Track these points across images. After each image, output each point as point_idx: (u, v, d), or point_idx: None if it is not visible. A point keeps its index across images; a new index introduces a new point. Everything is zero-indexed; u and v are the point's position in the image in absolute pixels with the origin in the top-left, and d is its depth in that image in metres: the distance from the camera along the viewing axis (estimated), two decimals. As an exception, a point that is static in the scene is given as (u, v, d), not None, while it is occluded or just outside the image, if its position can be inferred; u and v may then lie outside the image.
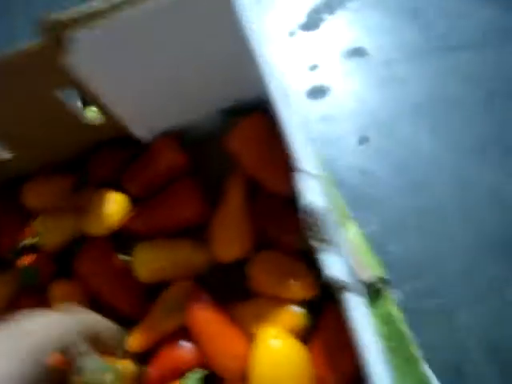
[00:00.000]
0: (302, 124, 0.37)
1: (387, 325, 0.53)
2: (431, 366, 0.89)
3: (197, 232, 0.57)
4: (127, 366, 0.55)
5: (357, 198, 0.99)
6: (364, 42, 1.07)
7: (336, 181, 0.94)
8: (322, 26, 1.10)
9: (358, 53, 1.09)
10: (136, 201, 0.59)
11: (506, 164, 1.00)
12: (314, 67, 0.95)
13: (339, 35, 1.06)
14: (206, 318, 0.52)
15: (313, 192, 0.33)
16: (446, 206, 0.97)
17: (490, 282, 0.87)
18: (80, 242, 0.59)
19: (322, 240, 0.32)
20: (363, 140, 0.90)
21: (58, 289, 0.58)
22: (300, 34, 1.02)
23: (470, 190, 0.94)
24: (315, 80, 0.90)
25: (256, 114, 0.55)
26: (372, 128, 0.96)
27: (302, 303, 0.52)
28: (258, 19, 0.38)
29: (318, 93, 1.03)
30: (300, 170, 0.34)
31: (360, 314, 0.33)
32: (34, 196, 0.61)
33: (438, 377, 0.92)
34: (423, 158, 1.00)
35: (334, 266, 0.32)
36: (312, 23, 1.13)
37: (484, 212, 0.90)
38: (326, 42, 1.06)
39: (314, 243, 0.31)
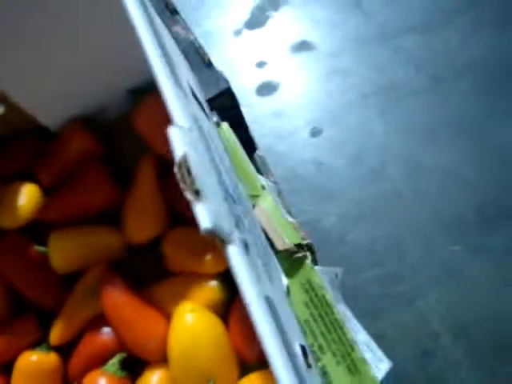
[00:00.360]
0: (174, 83, 0.36)
1: (308, 292, 0.52)
2: (399, 350, 0.89)
3: (114, 217, 0.56)
4: (50, 361, 0.54)
5: (313, 191, 0.99)
6: (310, 36, 1.08)
7: (290, 174, 0.94)
8: (268, 22, 1.11)
9: (304, 47, 1.10)
10: (50, 191, 0.58)
11: (457, 145, 1.01)
12: (261, 64, 0.96)
13: (285, 31, 1.07)
14: (120, 301, 0.51)
15: (183, 144, 0.32)
16: (401, 191, 0.97)
17: (450, 262, 0.88)
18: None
19: (195, 191, 0.31)
20: (315, 133, 0.91)
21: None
22: (246, 32, 1.03)
23: (423, 173, 0.95)
24: (264, 76, 0.91)
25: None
26: (323, 120, 0.97)
27: (217, 277, 0.51)
28: (203, 19, 0.38)
29: (267, 89, 1.03)
30: (173, 126, 0.33)
31: (240, 266, 0.33)
32: None
33: (407, 361, 0.93)
34: (375, 146, 1.01)
35: (208, 217, 0.31)
36: (257, 21, 1.14)
37: (439, 193, 0.91)
38: (272, 39, 1.07)
39: (188, 196, 0.31)
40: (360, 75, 1.15)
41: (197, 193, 0.33)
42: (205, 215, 0.31)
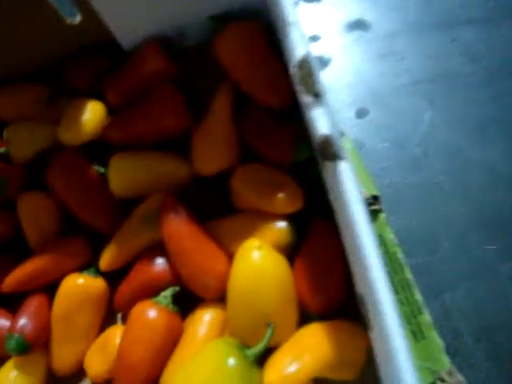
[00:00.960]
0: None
1: (379, 248, 0.50)
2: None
3: (178, 146, 0.54)
4: (97, 285, 0.51)
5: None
6: (366, 15, 1.07)
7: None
8: (326, -2, 1.08)
9: (360, 26, 1.08)
10: (117, 111, 0.56)
11: (506, 143, 0.98)
12: (315, 38, 0.94)
13: (342, 7, 1.05)
14: (181, 231, 0.49)
15: (305, 45, 0.30)
16: (442, 183, 0.95)
17: (482, 261, 0.86)
18: (50, 153, 0.55)
19: (315, 94, 0.29)
20: (361, 113, 0.89)
21: (26, 201, 0.55)
22: (303, 4, 1.02)
23: (467, 167, 0.93)
24: (316, 51, 0.89)
25: (246, 21, 0.52)
26: (370, 102, 0.95)
27: (286, 218, 0.49)
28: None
29: (317, 64, 1.02)
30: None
31: (352, 185, 0.30)
32: (5, 104, 0.58)
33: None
34: (421, 134, 0.99)
35: (325, 123, 0.29)
36: (315, -5, 1.11)
37: (481, 190, 0.88)
38: (328, 14, 1.05)
39: (306, 98, 0.29)
40: (414, 61, 1.13)
41: (316, 96, 0.31)
42: (324, 120, 0.29)
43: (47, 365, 0.52)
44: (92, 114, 0.54)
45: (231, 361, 0.40)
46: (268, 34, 0.51)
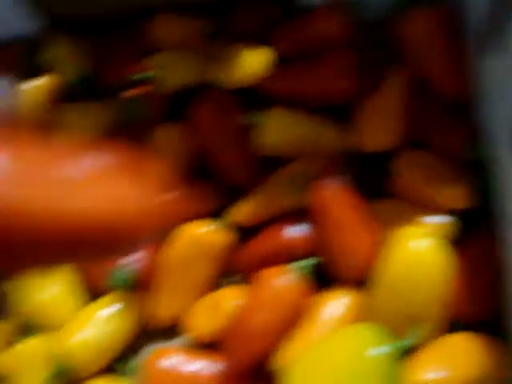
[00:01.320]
0: None
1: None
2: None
3: (338, 114, 0.51)
4: (219, 239, 0.48)
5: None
6: None
7: None
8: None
9: None
10: (281, 63, 0.53)
11: None
12: None
13: None
14: (334, 201, 0.45)
15: None
16: None
17: None
18: (201, 90, 0.52)
19: None
20: None
21: (165, 132, 0.52)
22: None
23: None
24: None
25: (436, 4, 0.49)
26: None
27: (449, 213, 0.45)
28: None
29: None
30: None
31: None
32: (165, 31, 0.55)
33: None
34: None
35: None
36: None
37: None
38: None
39: None
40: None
41: None
42: None
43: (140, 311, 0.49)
44: (257, 59, 0.52)
45: (375, 350, 0.36)
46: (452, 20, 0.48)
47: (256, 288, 0.45)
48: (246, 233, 0.50)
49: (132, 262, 0.47)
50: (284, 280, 0.44)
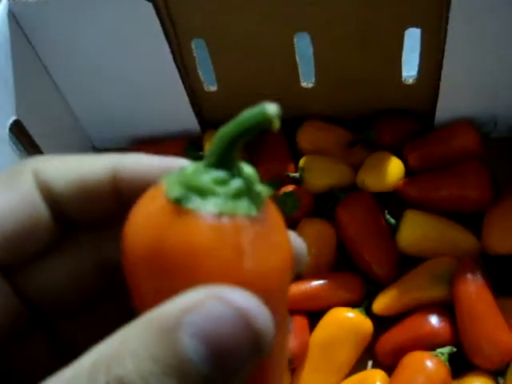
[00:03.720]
0: None
1: None
2: None
3: (464, 218, 0.61)
4: (366, 324, 0.57)
5: None
6: None
7: None
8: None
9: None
10: (409, 173, 0.64)
11: None
12: None
13: None
14: (476, 294, 0.54)
15: None
16: None
17: None
18: (343, 191, 0.63)
19: None
20: None
21: (310, 225, 0.62)
22: None
23: None
24: None
25: None
26: None
27: None
28: None
29: None
30: None
31: None
32: (309, 137, 0.67)
33: None
34: None
35: None
36: None
37: None
38: None
39: None
40: None
41: None
42: None
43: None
44: (394, 168, 0.63)
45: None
46: None
47: (402, 371, 0.53)
48: (384, 322, 0.58)
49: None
50: (432, 363, 0.52)
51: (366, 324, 0.57)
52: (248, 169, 0.17)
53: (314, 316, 0.58)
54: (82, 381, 0.13)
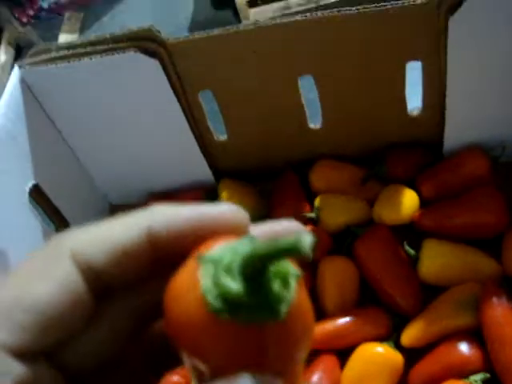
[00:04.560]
0: None
1: None
2: None
3: (482, 243, 0.62)
4: (397, 358, 0.58)
5: None
6: None
7: None
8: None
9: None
10: (424, 203, 0.66)
11: None
12: None
13: None
14: (503, 318, 0.55)
15: None
16: None
17: None
18: (360, 227, 0.65)
19: None
20: None
21: (331, 263, 0.64)
22: None
23: None
24: None
25: None
26: None
27: None
28: None
29: None
30: None
31: None
32: (322, 177, 0.70)
33: None
34: None
35: None
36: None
37: None
38: None
39: None
40: None
41: None
42: None
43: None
44: (409, 200, 0.65)
45: None
46: None
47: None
48: (414, 354, 0.59)
49: (318, 380, 0.57)
50: (465, 393, 0.53)
51: (397, 357, 0.58)
52: (285, 268, 0.19)
53: (342, 354, 0.59)
54: None
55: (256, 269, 0.18)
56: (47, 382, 0.19)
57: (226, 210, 0.21)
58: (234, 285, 0.18)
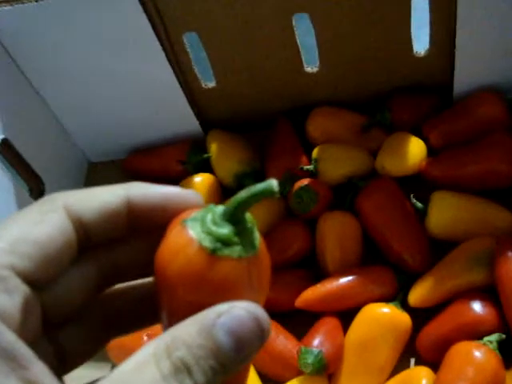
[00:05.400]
0: None
1: None
2: None
3: (495, 195, 0.59)
4: (403, 319, 0.55)
5: None
6: None
7: None
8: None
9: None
10: (432, 152, 0.63)
11: None
12: None
13: None
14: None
15: None
16: None
17: None
18: (362, 179, 0.62)
19: None
20: None
21: (332, 219, 0.60)
22: None
23: None
24: None
25: None
26: None
27: None
28: None
29: None
30: None
31: None
32: (320, 125, 0.66)
33: None
34: None
35: None
36: None
37: None
38: None
39: None
40: None
41: None
42: None
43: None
44: (415, 148, 0.61)
45: None
46: None
47: (450, 363, 0.51)
48: (422, 314, 0.56)
49: (322, 342, 0.54)
50: (480, 354, 0.50)
51: (404, 318, 0.55)
52: (249, 216, 0.23)
53: (345, 316, 0.57)
54: (149, 363, 0.20)
55: (240, 213, 0.23)
56: (35, 314, 0.23)
57: (190, 192, 0.26)
58: (224, 230, 0.23)
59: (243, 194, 0.22)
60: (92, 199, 0.25)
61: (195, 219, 0.23)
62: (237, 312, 0.21)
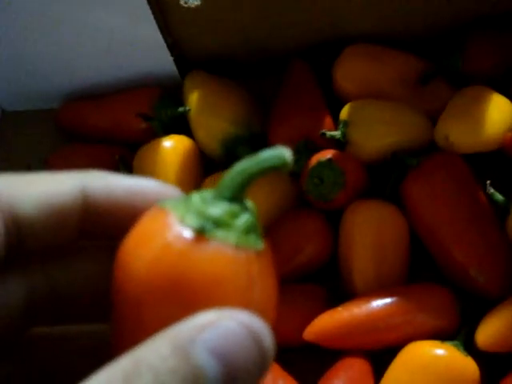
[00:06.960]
0: None
1: None
2: None
3: None
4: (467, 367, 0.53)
5: None
6: None
7: None
8: None
9: None
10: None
11: None
12: None
13: None
14: None
15: None
16: None
17: None
18: (414, 155, 0.58)
19: None
20: None
21: (365, 211, 0.58)
22: None
23: None
24: None
25: None
26: None
27: None
28: None
29: None
30: None
31: None
32: (353, 72, 0.63)
33: None
34: None
35: None
36: None
37: None
38: None
39: None
40: None
41: None
42: None
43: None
44: (497, 112, 0.58)
45: None
46: None
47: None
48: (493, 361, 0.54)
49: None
50: None
51: (468, 366, 0.53)
52: (249, 203, 0.24)
53: (379, 358, 0.56)
54: None
55: (239, 190, 0.23)
56: None
57: (167, 187, 0.27)
58: (217, 209, 0.23)
59: (245, 163, 0.23)
60: (32, 188, 0.25)
61: (179, 201, 0.24)
62: (226, 324, 0.21)
